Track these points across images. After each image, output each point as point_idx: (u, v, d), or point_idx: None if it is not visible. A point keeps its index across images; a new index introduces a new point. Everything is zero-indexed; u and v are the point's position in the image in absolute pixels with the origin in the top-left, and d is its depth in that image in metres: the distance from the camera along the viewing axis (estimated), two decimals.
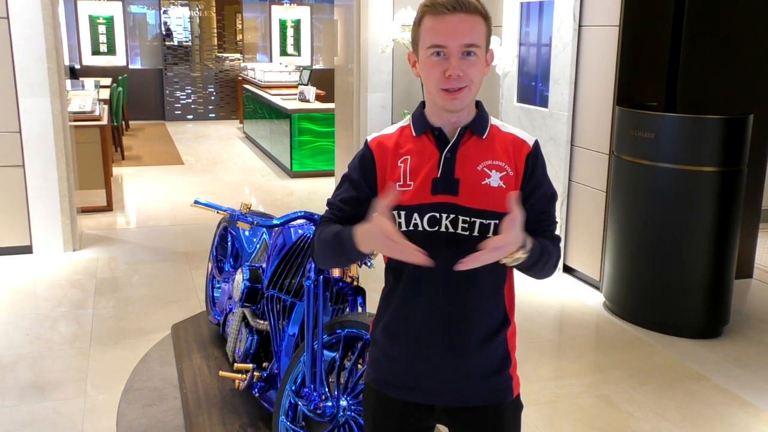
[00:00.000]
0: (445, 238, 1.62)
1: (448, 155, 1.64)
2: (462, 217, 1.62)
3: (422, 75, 1.64)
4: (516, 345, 1.77)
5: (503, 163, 1.65)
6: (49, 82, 5.32)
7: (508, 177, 1.64)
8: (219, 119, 14.18)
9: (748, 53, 4.82)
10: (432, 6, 1.59)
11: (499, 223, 1.54)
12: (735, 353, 4.03)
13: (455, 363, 1.68)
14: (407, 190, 1.64)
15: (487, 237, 1.59)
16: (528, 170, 1.66)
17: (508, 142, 1.68)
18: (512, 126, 1.74)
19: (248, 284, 2.99)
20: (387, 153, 1.69)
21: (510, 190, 1.62)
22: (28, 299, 4.71)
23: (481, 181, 1.63)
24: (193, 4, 13.87)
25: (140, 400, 3.36)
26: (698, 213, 4.08)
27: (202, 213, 6.10)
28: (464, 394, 1.70)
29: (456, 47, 1.57)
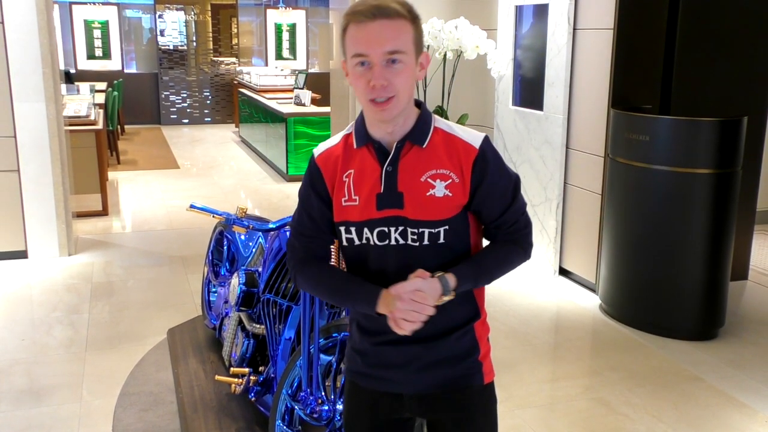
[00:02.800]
0: (396, 249, 1.63)
1: (389, 169, 1.61)
2: (410, 229, 1.61)
3: (352, 85, 1.61)
4: (487, 332, 1.77)
5: (448, 171, 1.60)
6: (44, 86, 5.32)
7: (454, 185, 1.60)
8: (215, 123, 14.17)
9: (742, 55, 4.84)
10: (353, 14, 1.54)
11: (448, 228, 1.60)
12: (730, 355, 4.04)
13: (418, 352, 1.69)
14: (354, 206, 1.63)
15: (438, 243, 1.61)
16: (477, 174, 1.61)
17: (452, 147, 1.62)
18: (458, 126, 1.67)
19: (244, 288, 2.99)
20: (334, 166, 1.67)
21: (458, 197, 1.61)
22: (23, 304, 4.70)
23: (425, 192, 1.60)
24: (189, 8, 13.87)
25: (136, 405, 3.35)
26: (693, 215, 4.09)
27: (197, 217, 6.09)
28: (429, 382, 1.72)
29: (378, 55, 1.52)
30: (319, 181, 1.68)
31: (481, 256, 1.68)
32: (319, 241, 1.73)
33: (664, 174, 4.10)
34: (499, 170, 1.64)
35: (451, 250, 1.64)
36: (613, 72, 4.54)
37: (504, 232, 1.69)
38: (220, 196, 7.98)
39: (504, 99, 5.61)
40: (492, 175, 1.63)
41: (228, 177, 9.16)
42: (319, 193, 1.69)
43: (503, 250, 1.69)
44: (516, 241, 1.70)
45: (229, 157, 10.68)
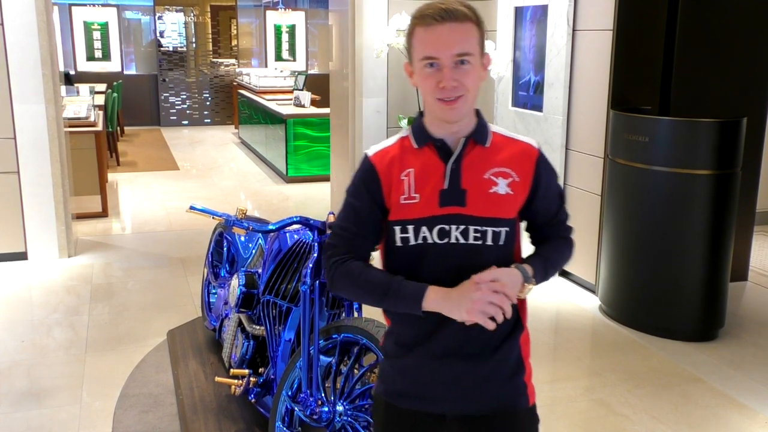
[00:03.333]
0: (455, 249, 1.61)
1: (453, 166, 1.63)
2: (473, 227, 1.61)
3: (418, 86, 1.63)
4: (530, 352, 1.75)
5: (509, 169, 1.65)
6: (44, 88, 5.32)
7: (515, 183, 1.65)
8: (214, 125, 14.17)
9: (741, 56, 4.84)
10: (421, 17, 1.58)
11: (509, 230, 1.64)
12: (730, 356, 4.04)
13: (466, 370, 1.65)
14: (413, 203, 1.62)
15: (500, 244, 1.63)
16: (538, 175, 1.68)
17: (513, 148, 1.68)
18: (508, 130, 1.75)
19: (244, 290, 2.99)
20: (389, 166, 1.66)
21: (518, 196, 1.66)
22: (23, 306, 4.69)
23: (488, 189, 1.62)
24: (188, 9, 13.87)
25: (136, 407, 3.35)
26: (693, 216, 4.09)
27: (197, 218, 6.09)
28: (475, 401, 1.67)
29: (448, 57, 1.56)
30: (374, 179, 1.67)
31: (544, 251, 1.74)
32: (361, 240, 1.69)
33: (663, 175, 4.10)
34: (553, 170, 1.75)
35: (507, 255, 1.66)
36: (612, 73, 4.55)
37: (557, 228, 1.77)
38: (219, 197, 7.98)
39: (503, 100, 5.62)
40: (549, 175, 1.72)
41: (228, 178, 9.16)
42: (371, 192, 1.67)
43: (561, 244, 1.76)
44: (566, 236, 1.79)
45: (228, 158, 10.68)
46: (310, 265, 2.52)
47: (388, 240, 1.67)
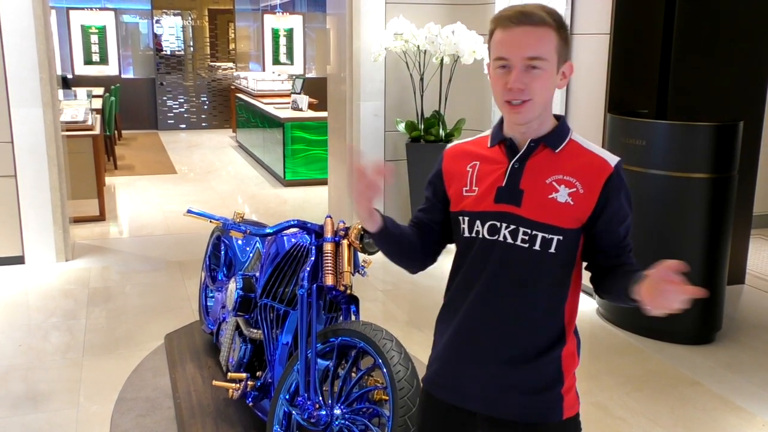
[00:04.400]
0: (502, 248, 1.62)
1: (516, 165, 1.63)
2: (523, 229, 1.60)
3: (492, 87, 1.65)
4: (575, 364, 1.70)
5: (575, 179, 1.60)
6: (42, 92, 5.31)
7: (577, 194, 1.60)
8: (212, 128, 14.17)
9: (738, 60, 4.85)
10: (499, 19, 1.60)
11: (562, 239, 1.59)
12: (727, 359, 4.04)
13: (499, 372, 1.65)
14: (472, 196, 1.66)
15: (549, 252, 1.60)
16: (606, 192, 1.61)
17: (586, 160, 1.63)
18: (595, 145, 1.68)
19: (241, 293, 2.98)
20: (457, 158, 1.73)
21: (579, 208, 1.60)
22: (20, 310, 4.69)
23: (547, 194, 1.60)
24: (186, 13, 13.88)
25: (133, 411, 3.34)
26: (690, 219, 4.10)
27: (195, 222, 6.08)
28: (504, 406, 1.66)
29: (518, 60, 1.56)
30: (439, 169, 1.77)
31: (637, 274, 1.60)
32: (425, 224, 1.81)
33: (660, 178, 4.11)
34: (627, 195, 1.66)
35: (558, 266, 1.63)
36: (609, 77, 4.56)
37: (627, 254, 1.69)
38: (217, 201, 7.98)
39: None
40: (621, 197, 1.64)
41: (225, 182, 9.16)
42: (434, 182, 1.78)
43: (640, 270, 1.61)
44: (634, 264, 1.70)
45: (226, 162, 10.68)
46: (307, 269, 2.52)
47: (454, 232, 1.74)
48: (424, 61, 5.75)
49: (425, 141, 5.86)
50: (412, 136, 5.91)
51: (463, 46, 5.44)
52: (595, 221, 1.62)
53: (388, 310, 4.79)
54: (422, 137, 5.87)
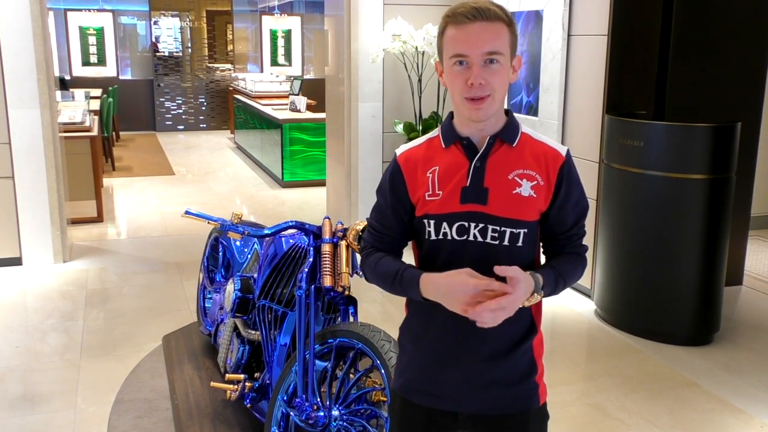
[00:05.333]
0: (473, 247, 1.63)
1: (477, 164, 1.64)
2: (492, 226, 1.62)
3: (447, 85, 1.65)
4: (543, 352, 1.77)
5: (534, 172, 1.64)
6: (39, 93, 5.31)
7: (539, 187, 1.64)
8: (210, 129, 14.16)
9: (736, 61, 4.86)
10: (453, 15, 1.59)
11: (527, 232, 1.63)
12: (725, 360, 4.05)
13: (479, 369, 1.68)
14: (436, 200, 1.65)
15: (517, 245, 1.63)
16: (560, 181, 1.66)
17: (540, 151, 1.66)
18: (542, 135, 1.73)
19: (239, 294, 2.98)
20: (415, 165, 1.70)
21: (540, 200, 1.64)
22: (17, 311, 4.68)
23: (511, 190, 1.63)
24: (184, 14, 13.88)
25: (131, 412, 3.34)
26: (688, 220, 4.10)
27: (193, 223, 6.09)
28: (488, 401, 1.69)
29: (477, 55, 1.57)
30: (399, 179, 1.72)
31: (557, 263, 1.68)
32: (387, 236, 1.76)
33: (658, 179, 4.11)
34: (577, 181, 1.70)
35: (525, 259, 1.66)
36: (607, 78, 4.56)
37: (572, 243, 1.72)
38: (215, 202, 7.97)
39: None
40: (572, 185, 1.68)
41: (223, 183, 9.16)
42: (396, 191, 1.72)
43: (573, 259, 1.71)
44: (580, 253, 1.74)
45: (224, 163, 10.68)
46: (305, 270, 2.52)
47: (418, 235, 1.73)
48: (422, 62, 5.76)
49: None
50: (410, 137, 5.91)
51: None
52: (549, 211, 1.67)
53: (386, 311, 4.79)
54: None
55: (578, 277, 1.73)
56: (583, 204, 1.72)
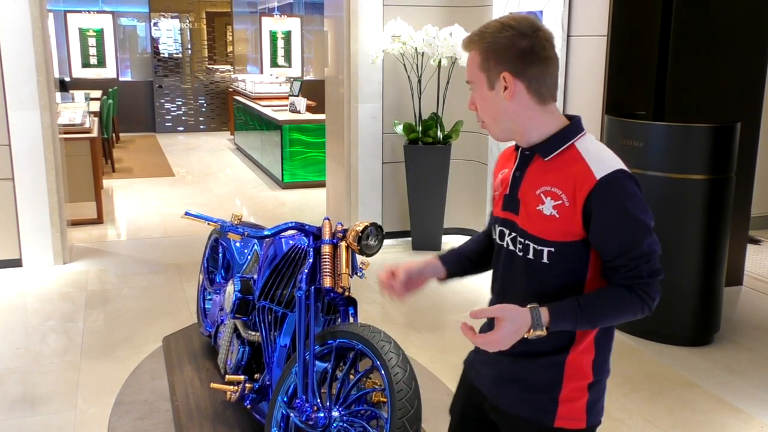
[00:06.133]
0: (505, 254, 1.70)
1: (517, 174, 1.67)
2: (519, 238, 1.64)
3: None
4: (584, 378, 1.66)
5: (560, 191, 1.56)
6: (39, 94, 5.31)
7: (563, 207, 1.56)
8: (210, 131, 14.17)
9: (735, 61, 4.86)
10: None
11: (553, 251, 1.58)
12: (725, 360, 4.04)
13: (504, 362, 1.70)
14: (495, 200, 1.77)
15: (541, 262, 1.61)
16: (590, 206, 1.53)
17: (576, 170, 1.56)
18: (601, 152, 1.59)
19: (239, 295, 2.98)
20: (500, 164, 1.81)
21: (565, 221, 1.56)
22: (17, 313, 4.68)
23: (536, 205, 1.60)
24: (183, 16, 13.88)
25: (131, 413, 3.33)
26: (687, 221, 4.10)
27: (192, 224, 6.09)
28: (503, 395, 1.72)
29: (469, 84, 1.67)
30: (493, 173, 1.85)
31: (589, 296, 1.58)
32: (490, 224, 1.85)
33: (658, 180, 4.11)
34: (621, 209, 1.53)
35: (555, 276, 1.61)
36: (607, 78, 4.56)
37: (620, 275, 1.57)
38: (215, 203, 7.97)
39: None
40: (610, 212, 1.53)
41: (223, 184, 9.16)
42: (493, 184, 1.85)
43: (615, 295, 1.57)
44: (633, 288, 1.57)
45: (224, 164, 10.68)
46: (305, 271, 2.52)
47: None
48: (421, 63, 5.76)
49: (423, 143, 5.86)
50: (410, 138, 5.91)
51: (461, 48, 5.44)
52: (588, 235, 1.57)
53: (387, 312, 4.79)
54: (420, 139, 5.87)
55: (622, 313, 1.58)
56: (636, 236, 1.55)
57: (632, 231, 1.55)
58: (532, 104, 1.60)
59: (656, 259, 1.58)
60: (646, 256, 1.56)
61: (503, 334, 1.52)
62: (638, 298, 1.57)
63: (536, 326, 1.52)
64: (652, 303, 1.59)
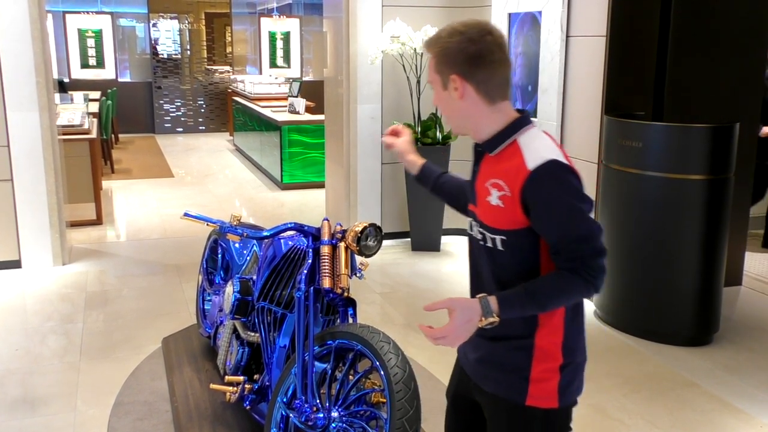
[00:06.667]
0: (474, 242, 1.83)
1: (475, 168, 1.81)
2: (479, 228, 1.78)
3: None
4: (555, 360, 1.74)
5: (503, 182, 1.68)
6: (38, 95, 5.31)
7: (506, 198, 1.67)
8: (209, 132, 14.16)
9: (734, 62, 4.86)
10: None
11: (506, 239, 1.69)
12: (725, 360, 4.05)
13: (482, 345, 1.80)
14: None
15: (498, 249, 1.72)
16: (526, 196, 1.63)
17: (513, 162, 1.67)
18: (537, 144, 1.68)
19: (239, 296, 2.98)
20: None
21: (509, 211, 1.67)
22: (17, 314, 4.68)
23: (485, 196, 1.73)
24: (182, 16, 13.88)
25: (131, 414, 3.34)
26: (687, 221, 4.10)
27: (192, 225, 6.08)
28: (483, 377, 1.83)
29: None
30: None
31: (535, 282, 1.67)
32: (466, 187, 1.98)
33: (657, 180, 4.11)
34: (554, 197, 1.63)
35: (512, 262, 1.72)
36: (606, 79, 4.56)
37: (563, 259, 1.65)
38: (214, 204, 7.97)
39: None
40: (545, 200, 1.63)
41: (222, 185, 9.16)
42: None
43: (559, 278, 1.65)
44: (575, 269, 1.64)
45: (223, 165, 10.68)
46: (304, 272, 2.52)
47: None
48: (420, 63, 5.76)
49: (422, 143, 5.86)
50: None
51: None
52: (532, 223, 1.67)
53: (386, 312, 4.79)
54: (419, 140, 5.87)
55: (569, 295, 1.67)
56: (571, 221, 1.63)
57: (567, 217, 1.63)
58: (482, 104, 1.72)
59: (596, 239, 1.65)
60: (584, 239, 1.64)
61: (456, 324, 1.62)
62: (582, 279, 1.64)
63: (487, 314, 1.63)
64: (597, 282, 1.66)
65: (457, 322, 1.62)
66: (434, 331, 1.64)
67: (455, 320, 1.62)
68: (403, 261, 5.81)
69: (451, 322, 1.62)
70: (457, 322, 1.62)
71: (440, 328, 1.63)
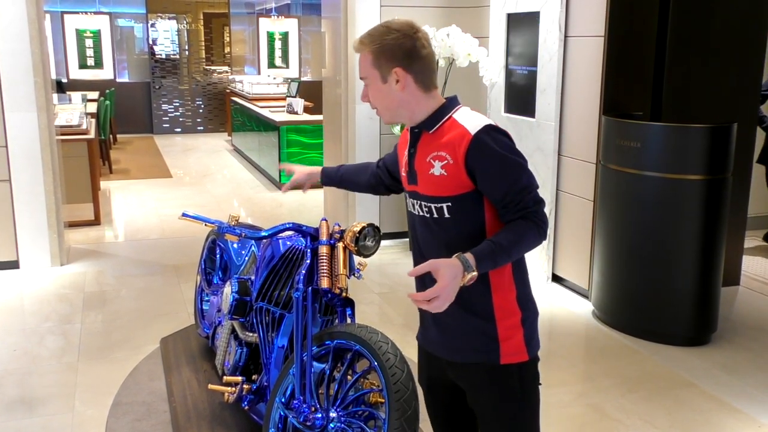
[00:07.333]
0: (418, 219, 1.97)
1: (411, 150, 1.97)
2: (422, 202, 1.92)
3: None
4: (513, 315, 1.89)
5: (444, 152, 1.85)
6: (36, 96, 5.31)
7: (449, 165, 1.85)
8: (207, 132, 14.16)
9: (732, 62, 4.87)
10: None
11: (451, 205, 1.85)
12: (723, 360, 4.05)
13: (446, 319, 1.92)
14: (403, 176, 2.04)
15: (445, 217, 1.88)
16: (470, 157, 1.81)
17: (453, 132, 1.86)
18: (474, 115, 1.88)
19: (237, 297, 2.98)
20: (400, 145, 2.11)
21: (454, 177, 1.84)
22: (15, 314, 4.68)
23: (428, 170, 1.89)
24: (181, 17, 13.88)
25: (129, 415, 3.33)
26: (685, 221, 4.11)
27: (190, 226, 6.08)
28: (454, 350, 1.95)
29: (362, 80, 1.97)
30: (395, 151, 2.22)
31: (498, 235, 1.80)
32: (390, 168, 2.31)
33: (655, 180, 4.12)
34: (498, 155, 1.81)
35: (459, 227, 1.88)
36: (604, 79, 4.57)
37: (512, 211, 1.81)
38: (213, 204, 7.97)
39: (496, 106, 5.63)
40: (488, 160, 1.81)
41: (221, 186, 9.16)
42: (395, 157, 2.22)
43: (517, 226, 1.80)
44: (526, 217, 1.81)
45: (221, 165, 10.68)
46: (302, 272, 2.52)
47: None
48: None
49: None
50: None
51: (458, 48, 5.44)
52: (478, 185, 1.83)
53: (384, 312, 4.79)
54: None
55: (528, 241, 1.81)
56: (514, 174, 1.81)
57: (510, 170, 1.82)
58: (419, 92, 1.91)
59: (535, 190, 1.85)
60: (527, 188, 1.83)
61: (446, 281, 1.67)
62: (533, 224, 1.81)
63: (468, 269, 1.71)
64: (545, 227, 1.84)
65: (447, 279, 1.67)
66: (425, 293, 1.67)
67: (445, 277, 1.67)
68: (401, 261, 5.81)
69: (441, 280, 1.67)
70: (446, 279, 1.67)
71: (431, 289, 1.67)
